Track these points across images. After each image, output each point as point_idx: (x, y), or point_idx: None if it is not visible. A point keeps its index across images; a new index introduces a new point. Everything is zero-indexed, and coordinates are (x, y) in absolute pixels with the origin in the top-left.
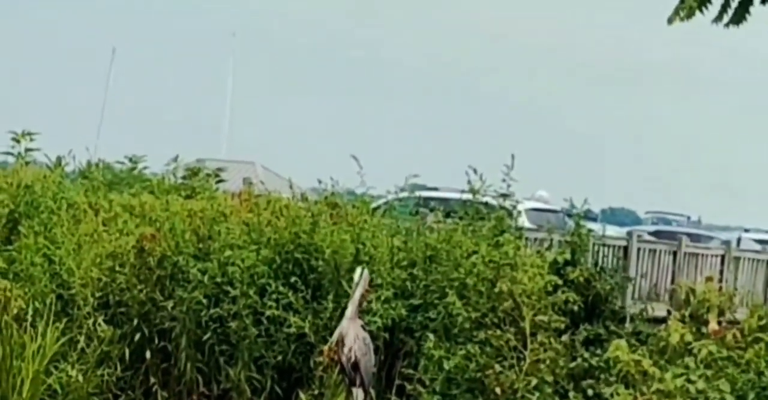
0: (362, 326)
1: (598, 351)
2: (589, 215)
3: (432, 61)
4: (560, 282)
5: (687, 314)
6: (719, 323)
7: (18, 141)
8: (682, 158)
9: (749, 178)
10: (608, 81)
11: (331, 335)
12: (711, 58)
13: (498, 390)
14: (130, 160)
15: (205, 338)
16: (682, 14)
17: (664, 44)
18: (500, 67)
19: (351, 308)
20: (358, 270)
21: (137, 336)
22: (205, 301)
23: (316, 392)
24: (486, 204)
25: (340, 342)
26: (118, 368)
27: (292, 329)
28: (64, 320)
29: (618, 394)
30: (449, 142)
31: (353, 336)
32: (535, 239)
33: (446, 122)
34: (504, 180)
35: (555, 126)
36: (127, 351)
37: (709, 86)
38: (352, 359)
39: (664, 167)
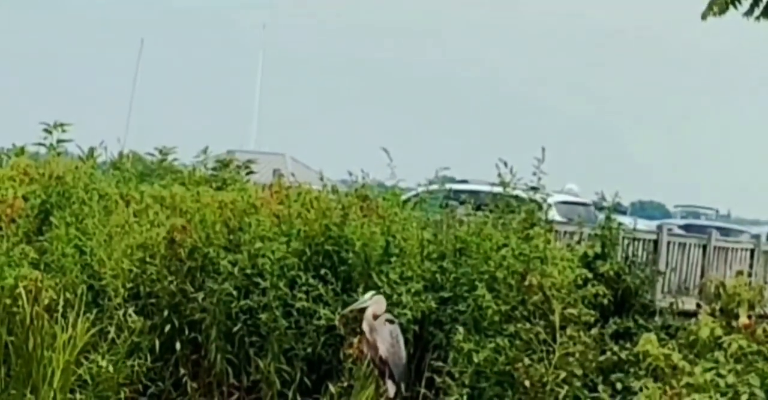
0: (390, 320)
1: (628, 345)
2: (618, 208)
3: (461, 56)
4: (590, 275)
5: (717, 308)
6: (749, 317)
7: (50, 132)
8: (714, 151)
9: None
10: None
11: (360, 327)
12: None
13: (527, 383)
14: (160, 151)
15: (235, 329)
16: (715, 10)
17: (704, 34)
18: (527, 61)
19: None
20: (369, 295)
21: (167, 327)
22: (235, 292)
23: (345, 384)
24: (516, 197)
25: (373, 347)
26: (148, 359)
27: (322, 321)
28: (95, 310)
29: (647, 388)
30: (480, 135)
31: (383, 341)
32: (565, 233)
33: (477, 115)
34: (534, 173)
35: (584, 119)
36: (157, 342)
37: (743, 79)
38: (384, 357)
39: (696, 161)
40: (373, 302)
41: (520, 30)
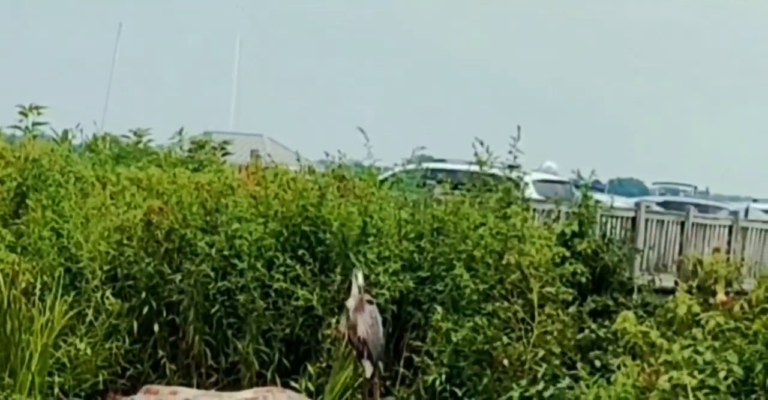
0: (369, 300)
1: (606, 323)
2: (597, 186)
3: (441, 34)
4: (568, 254)
5: (694, 285)
6: (727, 293)
7: (25, 115)
8: (693, 128)
9: (759, 147)
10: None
11: (338, 308)
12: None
13: (506, 362)
14: (135, 133)
15: (213, 311)
16: None
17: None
18: (508, 40)
19: (353, 301)
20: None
21: (145, 309)
22: (212, 274)
23: (324, 364)
24: (493, 176)
25: (352, 327)
26: (127, 341)
27: (300, 302)
28: (73, 293)
29: (625, 365)
30: (457, 114)
31: (363, 322)
32: (543, 211)
33: (454, 94)
34: (510, 152)
35: (564, 98)
36: (135, 324)
37: (715, 55)
38: (362, 337)
39: (674, 138)
40: (360, 279)
41: (499, 11)
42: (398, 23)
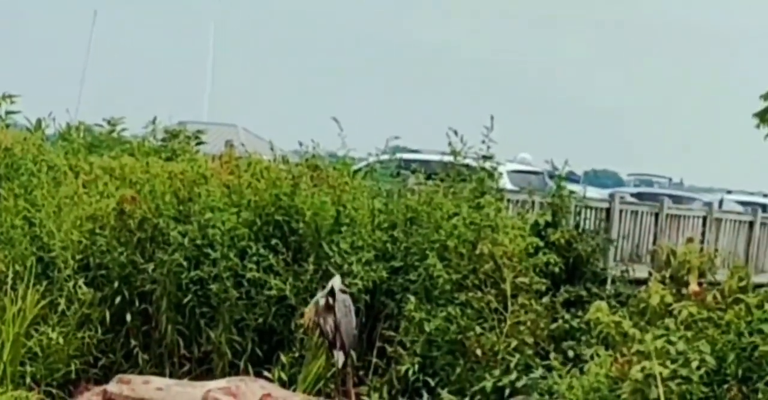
0: (342, 289)
1: (579, 313)
2: (571, 177)
3: (415, 25)
4: (541, 244)
5: (667, 275)
6: (700, 284)
7: None
8: (668, 120)
9: (733, 139)
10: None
11: (311, 297)
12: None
13: (479, 352)
14: (109, 122)
15: (186, 300)
16: None
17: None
18: (482, 29)
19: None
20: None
21: (118, 299)
22: (185, 263)
23: (296, 354)
24: (467, 166)
25: (321, 312)
26: (99, 331)
27: (273, 292)
28: (45, 282)
29: (598, 355)
30: (433, 105)
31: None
32: (517, 201)
33: (430, 85)
34: (484, 141)
35: (542, 89)
36: (107, 314)
37: (691, 44)
38: (333, 329)
39: (649, 129)
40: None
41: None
42: (371, 14)
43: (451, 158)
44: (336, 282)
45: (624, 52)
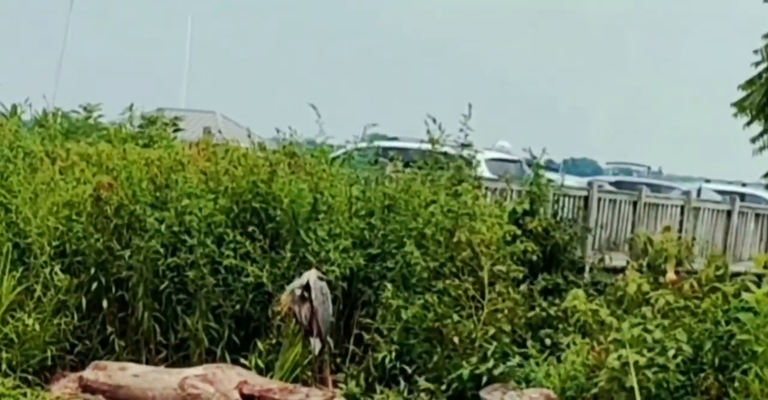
0: (320, 277)
1: (557, 301)
2: (550, 166)
3: (393, 13)
4: (519, 232)
5: (645, 264)
6: (677, 272)
7: None
8: (645, 109)
9: (712, 128)
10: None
11: (288, 284)
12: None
13: (456, 340)
14: (86, 109)
15: (163, 287)
16: None
17: None
18: (465, 20)
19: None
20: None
21: (94, 285)
22: (162, 250)
23: (273, 341)
24: (445, 154)
25: (297, 301)
26: (75, 317)
27: (250, 279)
28: (21, 268)
29: (575, 343)
30: (411, 92)
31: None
32: (495, 189)
33: (409, 73)
34: (462, 130)
35: (518, 79)
36: (84, 300)
37: (668, 34)
38: (308, 318)
39: (626, 118)
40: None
41: None
42: (350, 1)
43: (429, 146)
44: (312, 276)
45: (600, 42)
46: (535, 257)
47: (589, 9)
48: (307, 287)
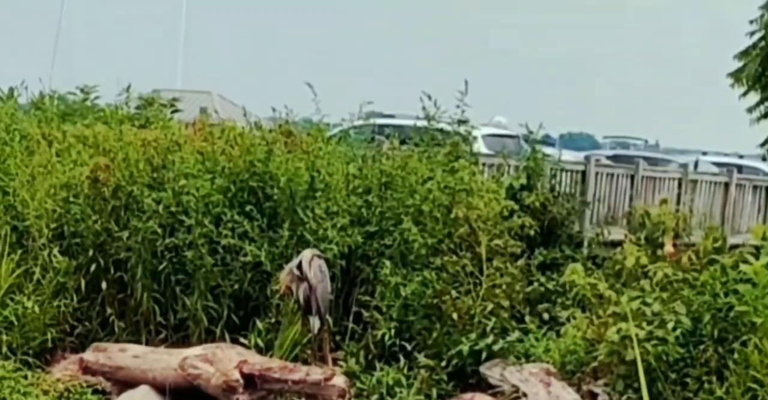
0: (317, 255)
1: (555, 275)
2: (547, 140)
3: None
4: (516, 207)
5: (643, 237)
6: (675, 245)
7: None
8: (641, 82)
9: (709, 100)
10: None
11: (287, 263)
12: None
13: (455, 316)
14: (82, 91)
15: (161, 267)
16: None
17: None
18: None
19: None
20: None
21: (93, 267)
22: (160, 230)
23: (272, 320)
24: (442, 130)
25: (295, 280)
26: (75, 299)
27: (248, 258)
28: (19, 251)
29: (574, 317)
30: (408, 69)
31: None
32: (492, 165)
33: (404, 50)
34: (458, 106)
35: (515, 52)
36: (83, 282)
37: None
38: (306, 297)
39: (625, 92)
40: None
41: None
42: None
43: (425, 123)
44: (306, 256)
45: (596, 15)
46: (532, 232)
47: None
48: (300, 268)
